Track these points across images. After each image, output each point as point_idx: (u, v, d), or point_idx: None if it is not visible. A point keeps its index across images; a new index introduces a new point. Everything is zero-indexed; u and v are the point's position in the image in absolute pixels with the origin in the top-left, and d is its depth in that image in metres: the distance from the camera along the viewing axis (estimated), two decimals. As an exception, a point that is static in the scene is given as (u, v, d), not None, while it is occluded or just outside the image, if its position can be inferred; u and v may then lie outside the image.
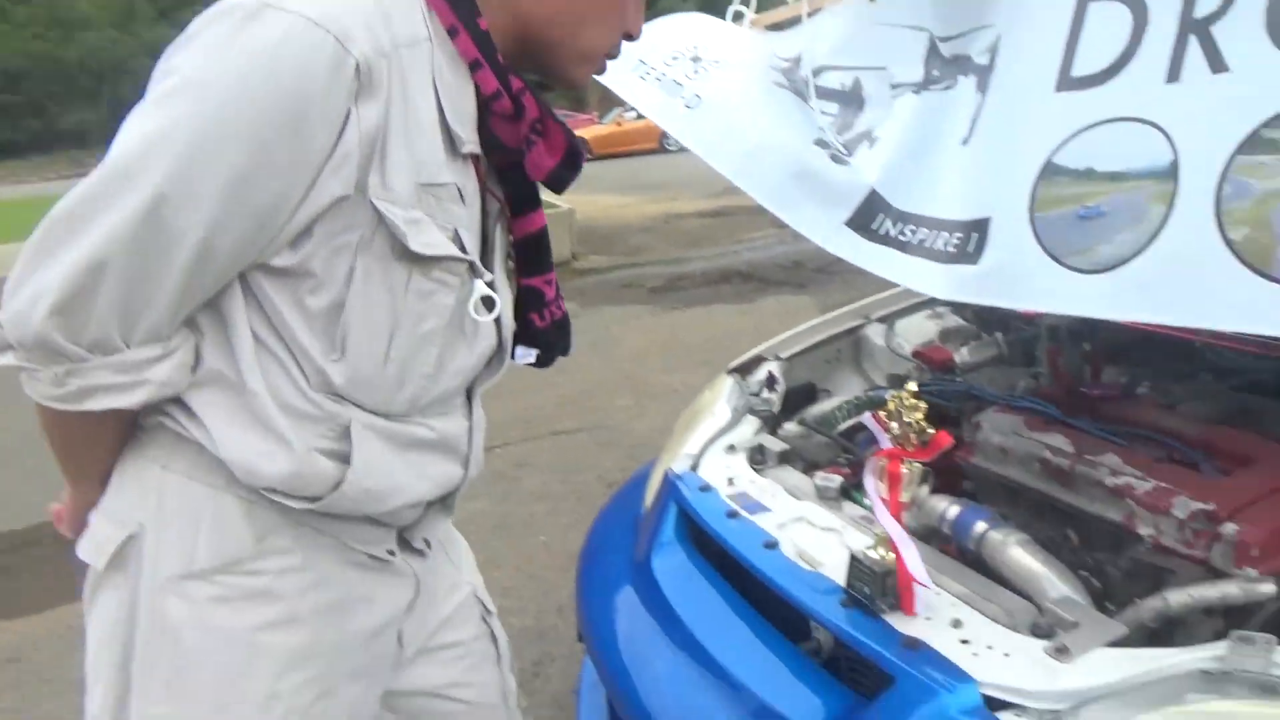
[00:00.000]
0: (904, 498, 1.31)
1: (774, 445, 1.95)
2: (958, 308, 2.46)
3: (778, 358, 2.36)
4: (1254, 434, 1.54)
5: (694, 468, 1.96)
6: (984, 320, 2.35)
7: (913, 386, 1.28)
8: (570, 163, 1.24)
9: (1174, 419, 1.61)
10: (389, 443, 1.14)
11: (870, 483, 1.33)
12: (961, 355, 2.11)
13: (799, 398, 2.30)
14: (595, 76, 1.28)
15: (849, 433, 2.06)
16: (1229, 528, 1.29)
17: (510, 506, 3.97)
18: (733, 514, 1.72)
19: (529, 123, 1.17)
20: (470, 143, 1.12)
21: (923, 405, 1.27)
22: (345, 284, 1.04)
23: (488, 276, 1.17)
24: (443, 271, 1.10)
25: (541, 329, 1.33)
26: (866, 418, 1.35)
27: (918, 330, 2.41)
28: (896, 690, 1.24)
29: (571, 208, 9.51)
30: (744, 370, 2.35)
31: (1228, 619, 1.28)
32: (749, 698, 1.39)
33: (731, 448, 1.99)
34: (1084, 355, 1.86)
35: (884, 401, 1.97)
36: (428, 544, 1.32)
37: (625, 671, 1.65)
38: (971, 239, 1.45)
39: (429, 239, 1.07)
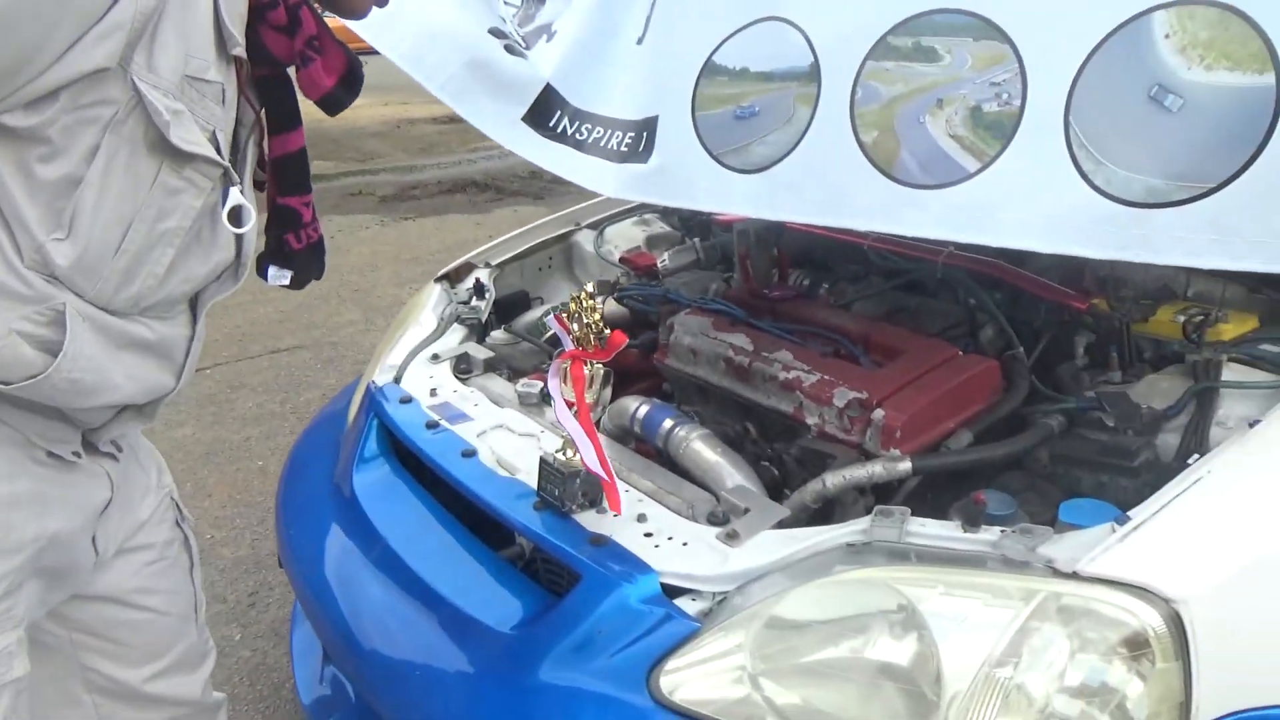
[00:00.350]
0: (589, 398, 1.33)
1: (479, 353, 1.93)
2: (664, 214, 2.52)
3: (488, 265, 2.32)
4: (905, 329, 1.69)
5: (397, 379, 1.91)
6: (687, 226, 2.42)
7: (590, 288, 1.29)
8: (349, 85, 1.22)
9: (842, 317, 1.74)
10: (104, 337, 1.06)
11: (554, 385, 1.34)
12: (664, 261, 2.17)
13: (512, 306, 2.28)
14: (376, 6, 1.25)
15: (555, 339, 2.06)
16: (878, 413, 1.41)
17: (222, 431, 3.71)
18: (433, 425, 1.69)
19: (304, 38, 1.15)
20: (238, 45, 1.08)
21: (600, 306, 1.28)
22: (85, 160, 0.97)
23: (240, 186, 1.13)
24: (195, 171, 1.06)
25: (297, 251, 1.30)
26: (550, 319, 1.35)
27: (626, 236, 2.44)
28: (583, 586, 1.27)
29: (291, 109, 8.83)
30: (453, 278, 2.30)
31: (879, 496, 1.41)
32: (447, 609, 1.38)
33: (435, 357, 1.94)
34: (771, 259, 1.96)
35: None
36: (118, 448, 1.24)
37: (324, 595, 1.59)
38: (642, 138, 1.48)
39: (188, 134, 1.02)
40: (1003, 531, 1.16)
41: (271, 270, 1.33)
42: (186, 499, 3.16)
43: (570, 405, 1.32)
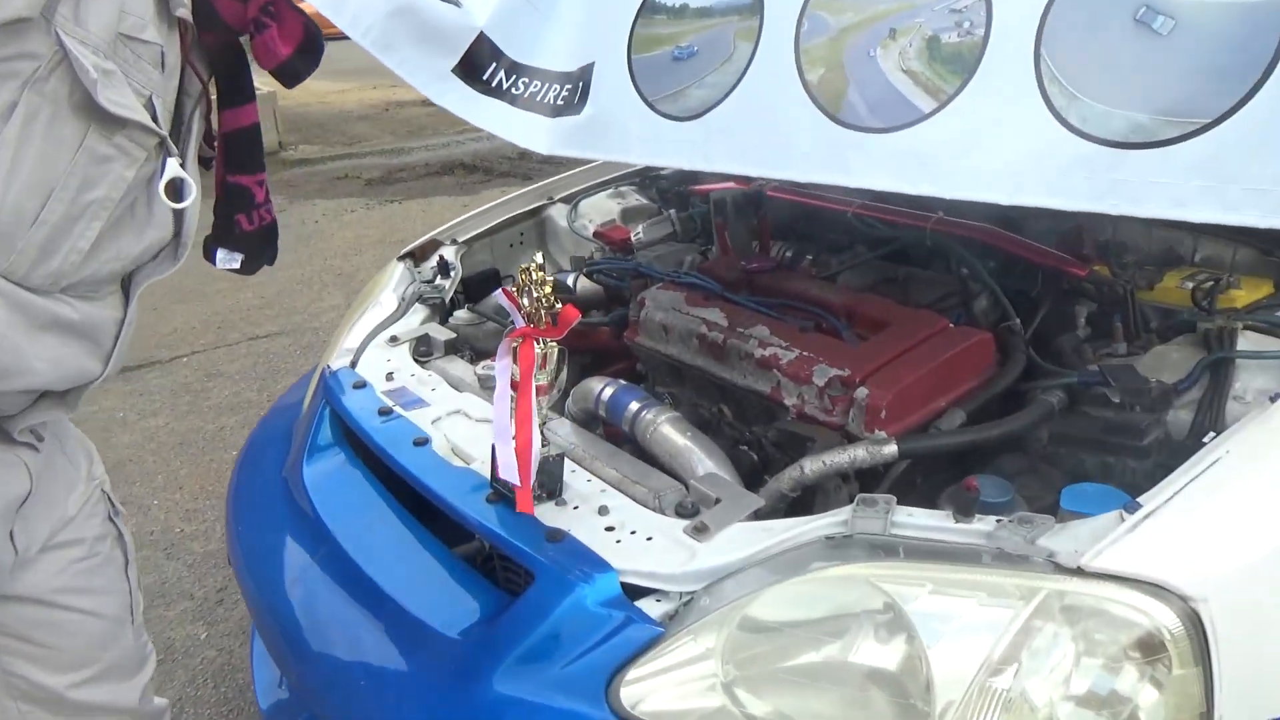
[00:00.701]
0: (543, 380, 1.21)
1: (440, 335, 1.81)
2: (641, 187, 2.40)
3: (454, 242, 2.19)
4: (890, 300, 1.56)
5: (353, 364, 1.79)
6: (664, 197, 2.30)
7: (538, 259, 1.17)
8: (307, 54, 1.17)
9: (824, 289, 1.61)
10: (20, 315, 0.98)
11: (502, 366, 1.22)
12: (638, 234, 2.05)
13: (482, 284, 2.15)
14: None
15: (525, 318, 1.94)
16: (861, 392, 1.29)
17: (196, 421, 3.60)
18: (386, 411, 1.57)
19: (259, 3, 1.09)
20: (183, 5, 1.01)
21: (550, 279, 1.16)
22: (1, 119, 0.90)
23: (178, 157, 1.05)
24: (127, 139, 0.98)
25: (248, 233, 1.24)
26: (498, 294, 1.22)
27: (600, 210, 2.32)
28: (537, 587, 1.15)
29: (272, 90, 8.67)
30: (417, 256, 2.18)
31: (863, 483, 1.29)
32: (396, 612, 1.27)
33: (394, 339, 1.82)
34: (751, 229, 1.83)
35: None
36: (38, 437, 1.15)
37: (269, 595, 1.48)
38: (578, 88, 1.37)
39: (119, 97, 0.94)
40: (999, 521, 1.04)
41: (220, 253, 1.25)
42: (157, 491, 3.10)
43: (515, 388, 1.20)
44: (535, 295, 1.16)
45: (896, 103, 1.11)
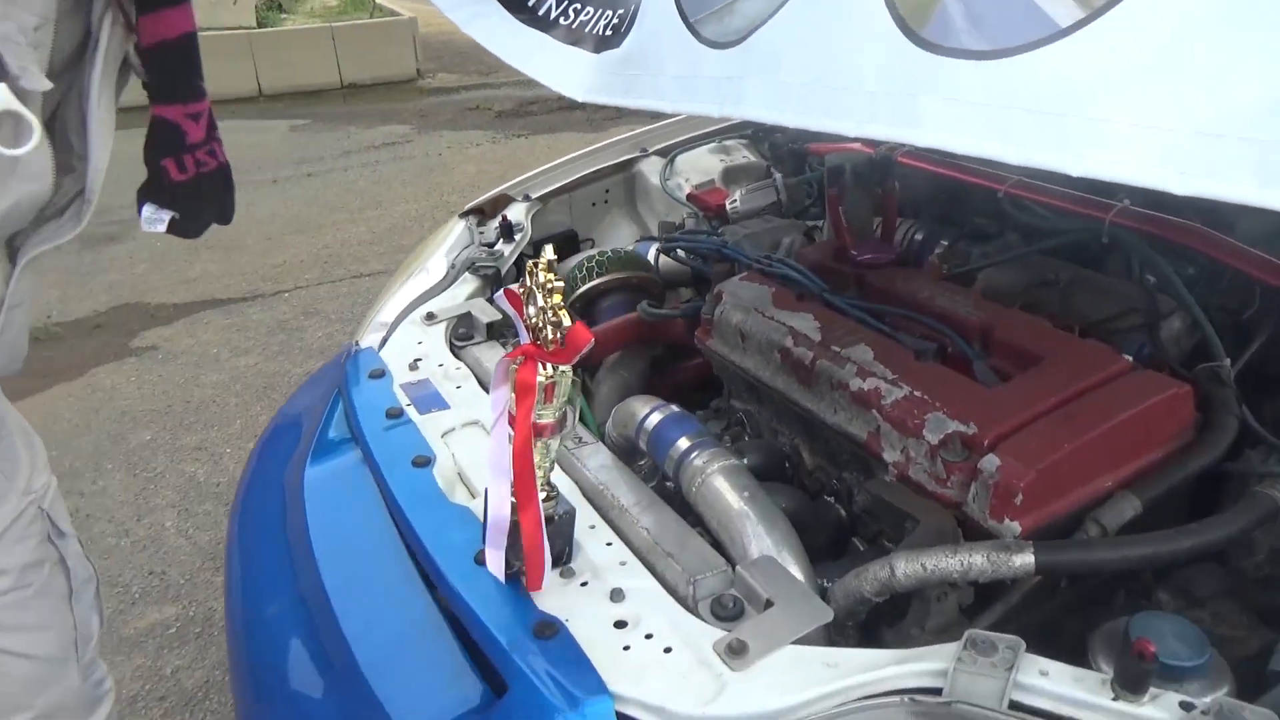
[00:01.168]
0: (546, 417, 0.89)
1: (484, 315, 1.51)
2: (752, 141, 2.02)
3: (526, 198, 1.89)
4: (1047, 320, 1.14)
5: (383, 343, 1.52)
6: (776, 156, 1.91)
7: (548, 255, 0.85)
8: None
9: (955, 297, 1.20)
10: None
11: (495, 396, 0.91)
12: (733, 201, 1.68)
13: (557, 251, 1.84)
14: None
15: (589, 298, 1.63)
16: (990, 461, 0.90)
17: (285, 364, 3.48)
18: (395, 413, 1.30)
19: None
20: None
21: (560, 284, 0.84)
22: None
23: (29, 79, 0.77)
24: None
25: (179, 183, 0.96)
26: (499, 297, 0.91)
27: (700, 167, 1.96)
28: (510, 701, 0.85)
29: (413, 16, 8.55)
30: (488, 211, 1.89)
31: (982, 591, 0.92)
32: (359, 689, 0.99)
33: (431, 316, 1.54)
34: (873, 203, 1.44)
35: (612, 260, 1.53)
36: None
37: (241, 617, 1.25)
38: (630, 13, 1.06)
39: None
40: (1185, 708, 0.67)
41: (145, 210, 0.97)
42: (232, 439, 2.97)
43: (510, 423, 0.89)
44: (541, 304, 0.84)
45: (1017, 10, 0.70)
